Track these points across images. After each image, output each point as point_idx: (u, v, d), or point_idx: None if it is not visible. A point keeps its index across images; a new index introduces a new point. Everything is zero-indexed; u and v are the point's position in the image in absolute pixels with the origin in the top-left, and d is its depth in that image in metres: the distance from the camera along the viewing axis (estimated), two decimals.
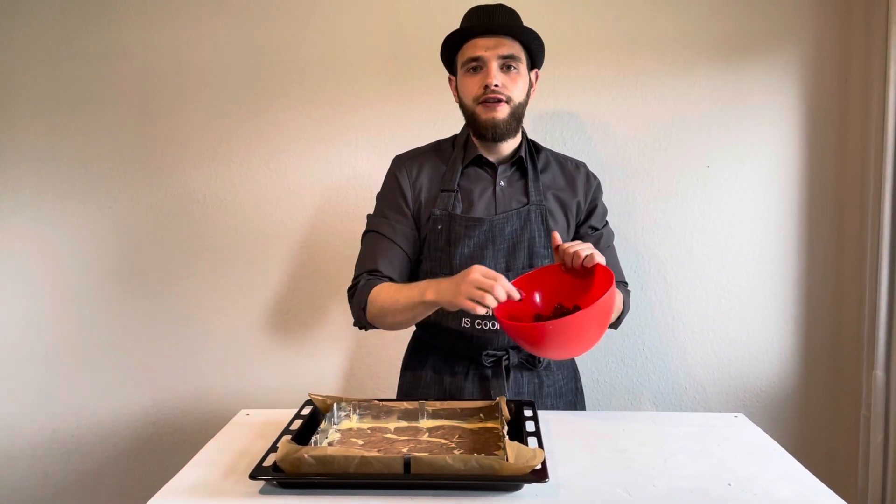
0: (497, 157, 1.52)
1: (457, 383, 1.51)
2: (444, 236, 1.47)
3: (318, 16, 2.02)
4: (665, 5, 1.97)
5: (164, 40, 2.05)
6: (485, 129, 1.45)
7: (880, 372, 1.89)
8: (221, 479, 1.09)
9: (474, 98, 1.44)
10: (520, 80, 1.46)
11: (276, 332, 2.12)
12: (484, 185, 1.51)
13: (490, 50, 1.42)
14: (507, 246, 1.47)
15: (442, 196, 1.49)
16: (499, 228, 1.46)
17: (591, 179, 1.61)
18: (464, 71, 1.46)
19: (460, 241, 1.46)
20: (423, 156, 1.56)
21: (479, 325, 1.47)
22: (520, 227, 1.48)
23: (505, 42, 1.43)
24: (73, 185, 2.09)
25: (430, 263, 1.50)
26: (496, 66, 1.42)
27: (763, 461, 1.15)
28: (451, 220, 1.46)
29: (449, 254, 1.47)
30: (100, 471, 2.17)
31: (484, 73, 1.42)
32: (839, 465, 2.07)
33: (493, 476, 0.99)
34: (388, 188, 1.55)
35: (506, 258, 1.47)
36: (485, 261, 1.45)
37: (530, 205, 1.49)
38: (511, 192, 1.51)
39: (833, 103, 1.98)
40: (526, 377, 1.53)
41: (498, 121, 1.43)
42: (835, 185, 2.00)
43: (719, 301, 2.05)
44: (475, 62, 1.43)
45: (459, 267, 1.43)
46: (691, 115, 2.00)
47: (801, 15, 1.96)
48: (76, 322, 2.13)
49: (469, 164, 1.51)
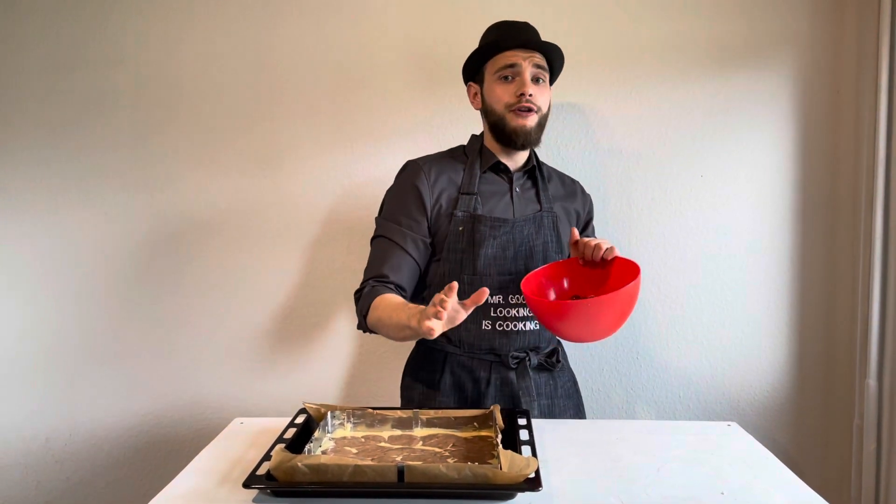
0: (515, 165, 1.58)
1: (479, 389, 1.51)
2: (467, 237, 1.49)
3: (319, 24, 2.03)
4: (658, 16, 1.99)
5: (161, 47, 2.06)
6: (515, 136, 1.49)
7: (873, 381, 1.90)
8: (215, 487, 1.09)
9: (507, 105, 1.49)
10: (547, 92, 1.53)
11: (271, 340, 2.11)
12: (502, 191, 1.55)
13: (525, 59, 1.48)
14: (525, 249, 1.52)
15: (463, 198, 1.51)
16: (518, 231, 1.51)
17: (586, 195, 1.70)
18: (495, 78, 1.50)
19: (485, 242, 1.48)
20: (439, 160, 1.58)
21: (501, 326, 1.50)
22: (535, 231, 1.52)
23: (536, 55, 1.50)
24: (69, 192, 2.09)
25: (450, 265, 1.50)
26: (530, 75, 1.48)
27: (756, 470, 1.16)
28: (475, 221, 1.49)
29: (472, 254, 1.48)
30: (93, 480, 2.16)
31: (518, 82, 1.48)
32: (832, 474, 2.07)
33: (486, 485, 0.99)
34: (402, 192, 1.55)
35: (525, 260, 1.51)
36: (507, 262, 1.49)
37: (543, 211, 1.55)
38: (525, 199, 1.56)
39: (825, 114, 1.99)
40: (543, 378, 1.55)
41: (528, 129, 1.49)
42: (827, 195, 2.01)
43: (713, 310, 2.05)
44: (511, 69, 1.48)
45: (484, 268, 1.48)
46: (685, 125, 2.01)
47: (794, 26, 1.97)
48: (70, 330, 2.12)
49: (487, 169, 1.56)
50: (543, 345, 1.55)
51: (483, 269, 1.48)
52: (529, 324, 1.51)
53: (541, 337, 1.54)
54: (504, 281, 1.49)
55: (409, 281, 1.51)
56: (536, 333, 1.52)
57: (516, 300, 1.49)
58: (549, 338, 1.57)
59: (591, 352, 2.06)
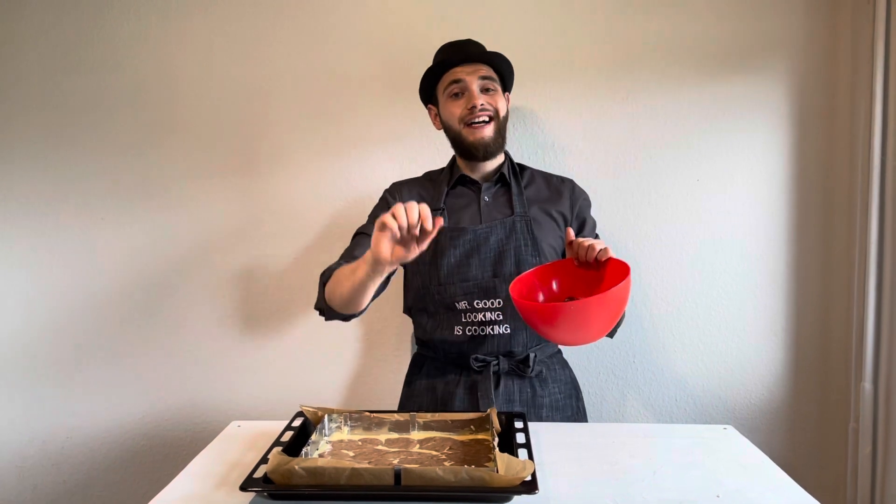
0: (480, 176, 1.63)
1: (448, 389, 1.55)
2: (431, 249, 1.53)
3: (317, 30, 2.03)
4: (653, 21, 1.99)
5: (157, 53, 2.06)
6: (475, 150, 1.56)
7: (868, 384, 1.90)
8: (212, 490, 1.09)
9: (460, 119, 1.55)
10: (499, 97, 1.58)
11: (268, 343, 2.11)
12: (468, 201, 1.60)
13: (470, 74, 1.55)
14: (494, 254, 1.53)
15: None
16: (483, 238, 1.53)
17: (577, 192, 1.68)
18: (446, 97, 1.58)
19: (446, 252, 1.53)
20: (414, 181, 1.69)
21: (471, 331, 1.52)
22: (505, 236, 1.54)
23: (481, 67, 1.57)
24: (66, 195, 2.09)
25: (422, 277, 1.57)
26: (477, 87, 1.54)
27: (752, 473, 1.16)
28: (438, 233, 1.49)
29: (436, 265, 1.54)
30: (89, 483, 2.16)
31: (467, 96, 1.55)
32: (828, 477, 2.08)
33: (483, 488, 1.00)
34: (378, 208, 1.66)
35: (493, 266, 1.53)
36: (471, 269, 1.53)
37: (515, 216, 1.56)
38: (495, 206, 1.59)
39: (820, 117, 2.00)
40: (517, 385, 1.54)
41: (487, 140, 1.55)
42: (822, 198, 2.02)
43: (709, 314, 2.06)
44: (457, 85, 1.55)
45: (446, 277, 1.53)
46: (680, 129, 2.02)
47: (789, 29, 1.98)
48: (66, 333, 2.12)
49: (454, 184, 1.62)
50: (518, 349, 1.54)
51: (446, 279, 1.53)
52: (498, 328, 1.52)
53: (513, 341, 1.53)
54: (468, 287, 1.52)
55: None
56: (507, 338, 1.53)
57: (482, 305, 1.52)
58: (525, 343, 1.54)
59: (587, 355, 2.07)
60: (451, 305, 1.53)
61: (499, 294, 1.52)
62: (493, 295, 1.52)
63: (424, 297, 1.58)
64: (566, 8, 1.99)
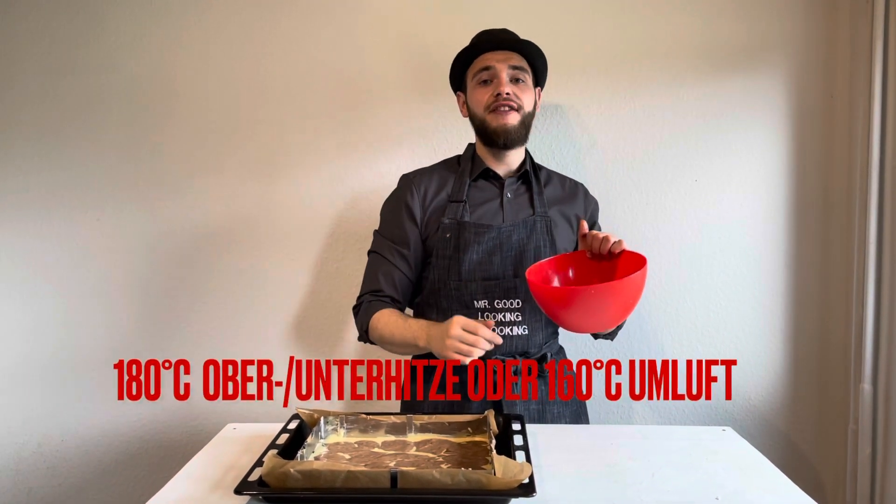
0: (504, 171, 1.60)
1: (465, 388, 1.52)
2: (453, 243, 1.51)
3: (317, 30, 2.02)
4: (652, 19, 1.99)
5: (156, 53, 2.05)
6: (496, 136, 1.52)
7: (867, 385, 1.90)
8: (207, 493, 1.08)
9: (486, 106, 1.52)
10: (528, 91, 1.55)
11: (266, 345, 2.10)
12: (492, 197, 1.57)
13: (500, 62, 1.51)
14: (515, 253, 1.52)
15: (451, 206, 1.54)
16: (506, 236, 1.52)
17: (590, 198, 1.70)
18: (475, 83, 1.55)
19: (469, 248, 1.50)
20: (430, 171, 1.64)
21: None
22: (526, 236, 1.53)
23: (513, 56, 1.53)
24: (63, 196, 2.08)
25: (438, 272, 1.53)
26: (507, 76, 1.51)
27: (751, 475, 1.16)
28: (461, 228, 1.51)
29: (458, 261, 1.51)
30: (85, 486, 2.15)
31: (495, 83, 1.52)
32: (827, 479, 2.07)
33: (480, 490, 0.99)
34: (394, 207, 1.61)
35: (513, 265, 1.52)
36: (493, 267, 1.51)
37: (536, 216, 1.55)
38: (517, 204, 1.57)
39: (819, 117, 2.00)
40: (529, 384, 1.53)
41: (509, 127, 1.51)
42: (821, 198, 2.02)
43: (707, 315, 2.05)
44: (486, 72, 1.52)
45: (468, 274, 1.50)
46: (679, 129, 2.01)
47: (787, 28, 1.98)
48: (61, 335, 2.11)
49: (477, 176, 1.58)
50: (533, 350, 1.54)
51: (467, 275, 1.50)
52: (517, 328, 1.51)
53: (530, 342, 1.53)
54: (489, 286, 1.50)
55: (403, 293, 1.58)
56: (525, 338, 1.52)
57: (502, 305, 1.51)
58: (540, 343, 1.55)
59: (586, 355, 2.06)
60: (468, 303, 1.50)
61: (518, 294, 1.50)
62: (513, 295, 1.50)
63: (439, 292, 1.53)
64: (566, 8, 1.99)
